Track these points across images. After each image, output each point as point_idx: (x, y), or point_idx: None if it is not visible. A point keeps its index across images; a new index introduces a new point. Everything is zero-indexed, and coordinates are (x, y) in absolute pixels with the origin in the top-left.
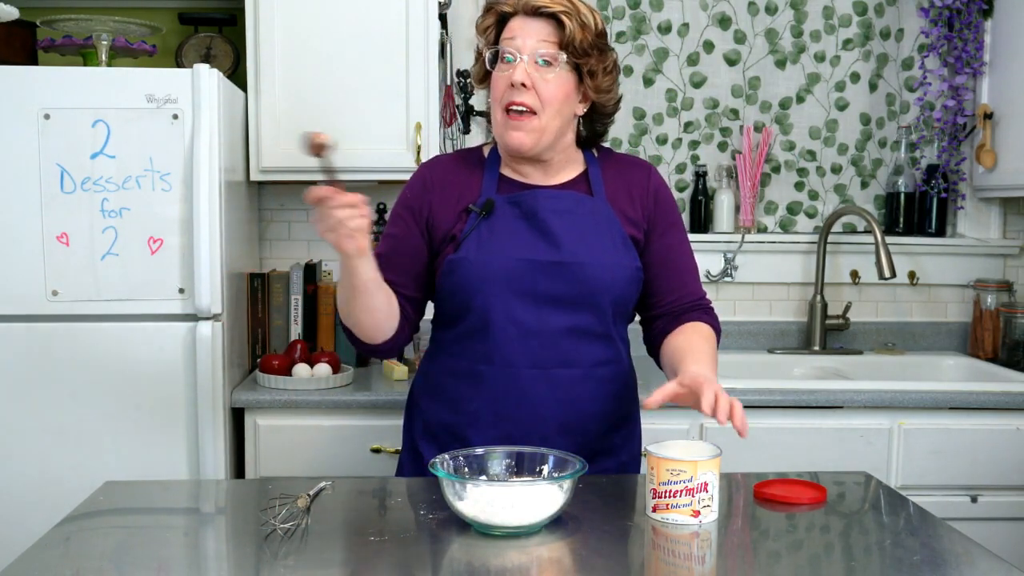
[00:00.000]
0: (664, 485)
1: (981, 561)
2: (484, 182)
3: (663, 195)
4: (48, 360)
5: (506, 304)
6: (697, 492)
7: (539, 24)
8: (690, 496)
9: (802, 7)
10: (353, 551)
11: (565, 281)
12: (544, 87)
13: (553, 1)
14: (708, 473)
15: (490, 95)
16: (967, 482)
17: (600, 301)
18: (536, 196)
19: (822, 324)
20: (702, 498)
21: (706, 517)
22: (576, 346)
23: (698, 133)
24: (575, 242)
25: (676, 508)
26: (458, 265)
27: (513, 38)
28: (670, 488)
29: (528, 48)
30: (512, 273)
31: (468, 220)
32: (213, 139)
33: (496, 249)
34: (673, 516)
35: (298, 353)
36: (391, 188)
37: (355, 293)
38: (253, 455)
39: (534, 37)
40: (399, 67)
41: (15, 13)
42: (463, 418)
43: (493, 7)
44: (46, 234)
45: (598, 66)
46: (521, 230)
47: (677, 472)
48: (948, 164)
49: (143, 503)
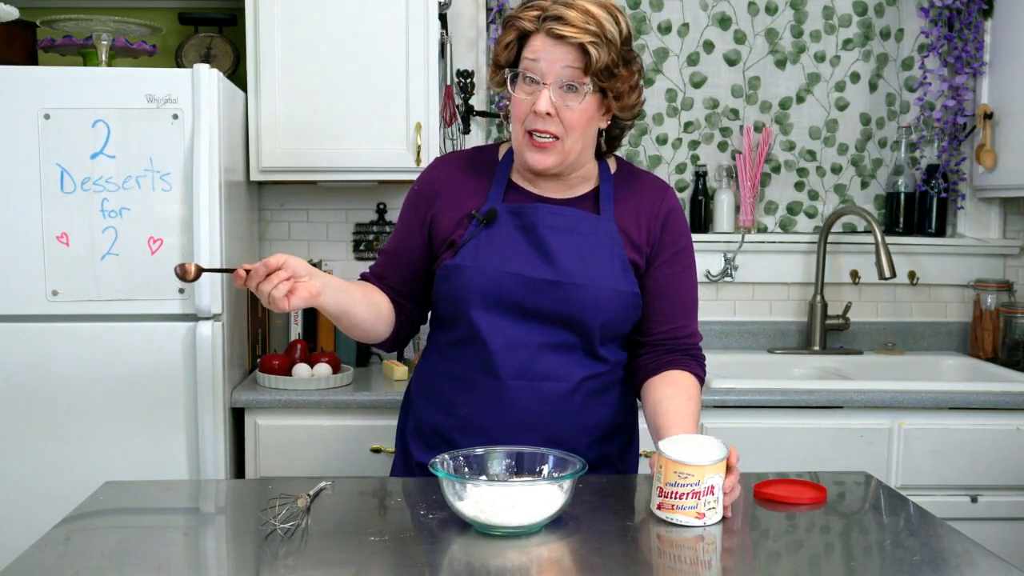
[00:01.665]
0: (671, 486)
1: (981, 561)
2: (492, 188)
3: (673, 221)
4: (48, 360)
5: (495, 316)
6: (703, 495)
7: (564, 49)
8: (696, 499)
9: (802, 7)
10: (353, 551)
11: (554, 300)
12: (568, 114)
13: (578, 30)
14: (715, 476)
15: (508, 105)
16: (967, 482)
17: (588, 323)
18: (538, 211)
19: (822, 324)
20: (708, 501)
21: (710, 519)
22: (563, 360)
23: (698, 133)
24: (570, 261)
25: (681, 510)
26: (453, 272)
27: (536, 60)
28: (676, 490)
29: (552, 74)
30: (503, 286)
31: (469, 226)
32: (213, 139)
33: (491, 260)
34: (678, 517)
35: (298, 353)
36: (391, 188)
37: (333, 320)
38: (253, 455)
39: (559, 63)
40: (399, 67)
41: (15, 13)
42: (454, 421)
43: (513, 23)
44: (46, 234)
45: (624, 86)
46: (519, 243)
47: (684, 475)
48: (948, 164)
49: (143, 503)
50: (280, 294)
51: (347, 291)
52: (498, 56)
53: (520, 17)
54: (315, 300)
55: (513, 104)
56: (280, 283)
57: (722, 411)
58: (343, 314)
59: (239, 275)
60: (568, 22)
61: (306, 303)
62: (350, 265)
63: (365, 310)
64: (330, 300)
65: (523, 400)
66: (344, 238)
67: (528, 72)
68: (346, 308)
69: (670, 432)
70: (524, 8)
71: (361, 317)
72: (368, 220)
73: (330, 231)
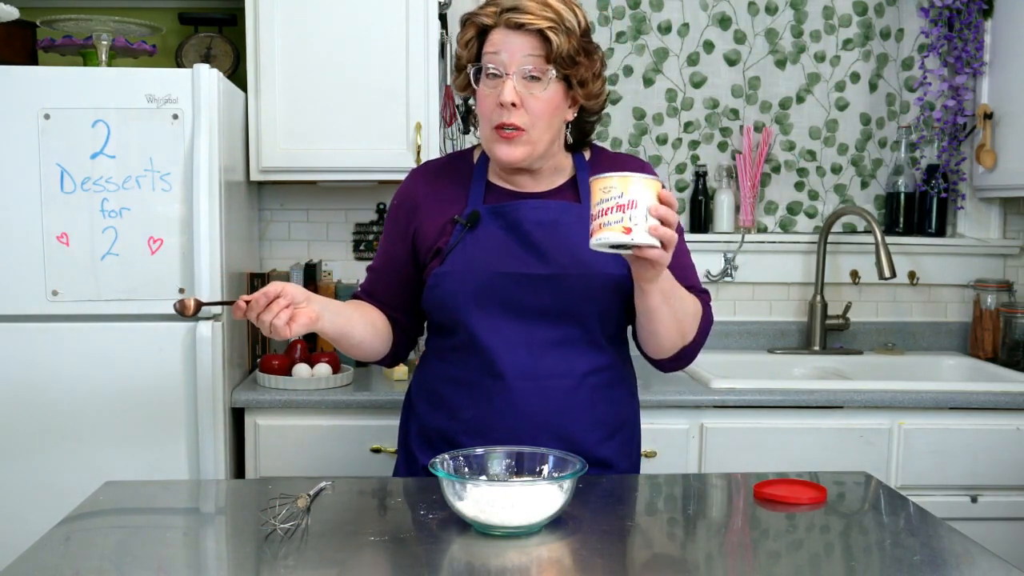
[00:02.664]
0: (598, 205)
1: (981, 561)
2: (471, 191)
3: None
4: (48, 360)
5: (492, 318)
6: (628, 209)
7: (524, 38)
8: (621, 212)
9: (802, 7)
10: (353, 551)
11: (550, 293)
12: (533, 103)
13: (537, 16)
14: (641, 192)
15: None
16: (967, 482)
17: (585, 312)
18: (519, 207)
19: (822, 324)
20: (633, 216)
21: (638, 236)
22: (565, 356)
23: (698, 133)
24: (560, 253)
25: (607, 226)
26: (443, 279)
27: (497, 52)
28: (603, 207)
29: (514, 64)
30: (497, 287)
31: (453, 232)
32: (213, 139)
33: (480, 263)
34: (605, 235)
35: (298, 353)
36: (391, 188)
37: (332, 343)
38: (253, 455)
39: (519, 52)
40: (399, 67)
41: (15, 13)
42: (459, 425)
43: (471, 19)
44: (46, 234)
45: (587, 73)
46: (506, 242)
47: (607, 189)
48: (948, 164)
49: (143, 503)
50: (281, 322)
51: (344, 313)
52: (460, 58)
53: (478, 14)
54: (315, 325)
55: (479, 101)
56: (280, 311)
57: (722, 411)
58: (342, 336)
59: (239, 306)
60: (525, 10)
61: (306, 329)
62: (350, 265)
63: (363, 329)
64: (328, 323)
65: (529, 400)
66: (344, 238)
67: (490, 65)
68: (344, 330)
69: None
70: (482, 7)
71: (359, 337)
72: (368, 220)
73: (330, 231)
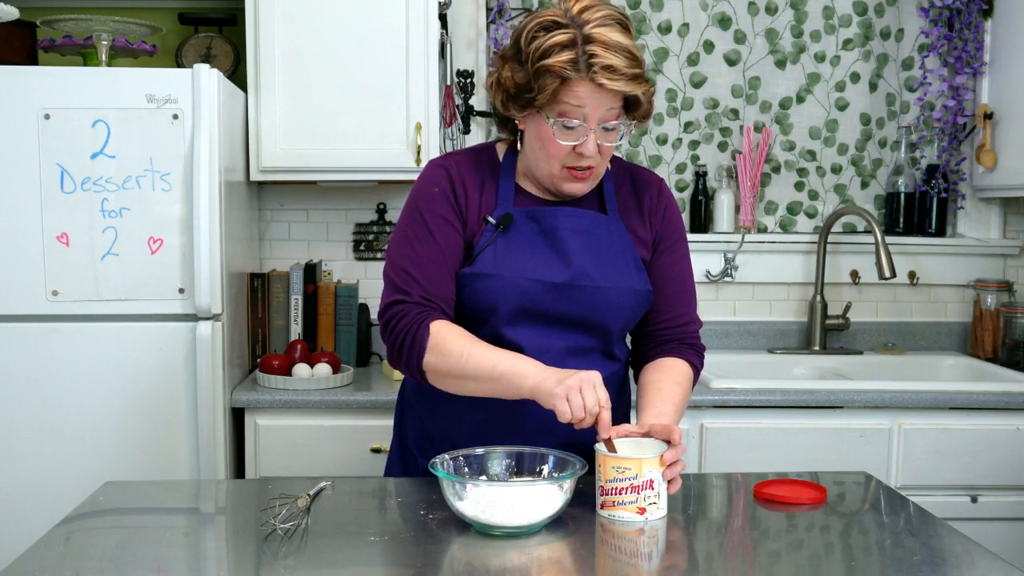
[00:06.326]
0: (611, 483)
1: (981, 561)
2: (500, 191)
3: (671, 212)
4: (48, 360)
5: (520, 323)
6: (643, 490)
7: (609, 94)
8: (636, 494)
9: (802, 7)
10: (353, 551)
11: (577, 303)
12: (606, 149)
13: (627, 80)
14: (654, 471)
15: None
16: (967, 482)
17: (608, 324)
18: (557, 214)
19: (822, 324)
20: (648, 496)
21: (652, 514)
22: (584, 364)
23: (698, 133)
24: (591, 264)
25: (622, 505)
26: (473, 279)
27: (581, 106)
28: (616, 486)
29: (596, 118)
30: (525, 292)
31: (484, 232)
32: (213, 139)
33: (511, 266)
34: (619, 513)
35: (298, 353)
36: (391, 188)
37: (495, 394)
38: (253, 455)
39: (603, 107)
40: (399, 67)
41: (15, 13)
42: (464, 427)
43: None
44: (46, 234)
45: (648, 106)
46: (538, 247)
47: (623, 470)
48: (948, 164)
49: (143, 503)
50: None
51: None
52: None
53: (555, 65)
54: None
55: (547, 142)
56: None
57: (722, 411)
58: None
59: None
60: (617, 71)
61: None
62: (350, 265)
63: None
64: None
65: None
66: (344, 238)
67: (570, 116)
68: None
69: (646, 413)
70: (550, 48)
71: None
72: (368, 220)
73: (330, 231)
